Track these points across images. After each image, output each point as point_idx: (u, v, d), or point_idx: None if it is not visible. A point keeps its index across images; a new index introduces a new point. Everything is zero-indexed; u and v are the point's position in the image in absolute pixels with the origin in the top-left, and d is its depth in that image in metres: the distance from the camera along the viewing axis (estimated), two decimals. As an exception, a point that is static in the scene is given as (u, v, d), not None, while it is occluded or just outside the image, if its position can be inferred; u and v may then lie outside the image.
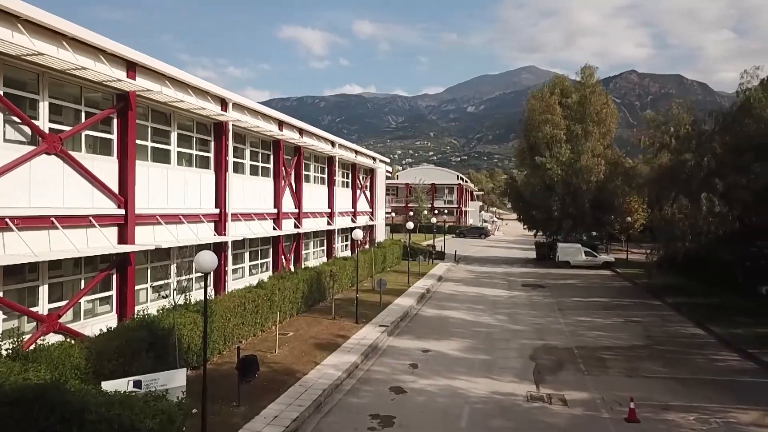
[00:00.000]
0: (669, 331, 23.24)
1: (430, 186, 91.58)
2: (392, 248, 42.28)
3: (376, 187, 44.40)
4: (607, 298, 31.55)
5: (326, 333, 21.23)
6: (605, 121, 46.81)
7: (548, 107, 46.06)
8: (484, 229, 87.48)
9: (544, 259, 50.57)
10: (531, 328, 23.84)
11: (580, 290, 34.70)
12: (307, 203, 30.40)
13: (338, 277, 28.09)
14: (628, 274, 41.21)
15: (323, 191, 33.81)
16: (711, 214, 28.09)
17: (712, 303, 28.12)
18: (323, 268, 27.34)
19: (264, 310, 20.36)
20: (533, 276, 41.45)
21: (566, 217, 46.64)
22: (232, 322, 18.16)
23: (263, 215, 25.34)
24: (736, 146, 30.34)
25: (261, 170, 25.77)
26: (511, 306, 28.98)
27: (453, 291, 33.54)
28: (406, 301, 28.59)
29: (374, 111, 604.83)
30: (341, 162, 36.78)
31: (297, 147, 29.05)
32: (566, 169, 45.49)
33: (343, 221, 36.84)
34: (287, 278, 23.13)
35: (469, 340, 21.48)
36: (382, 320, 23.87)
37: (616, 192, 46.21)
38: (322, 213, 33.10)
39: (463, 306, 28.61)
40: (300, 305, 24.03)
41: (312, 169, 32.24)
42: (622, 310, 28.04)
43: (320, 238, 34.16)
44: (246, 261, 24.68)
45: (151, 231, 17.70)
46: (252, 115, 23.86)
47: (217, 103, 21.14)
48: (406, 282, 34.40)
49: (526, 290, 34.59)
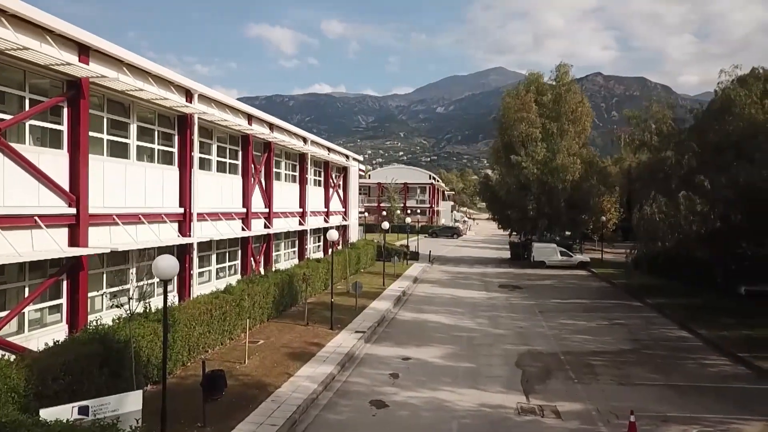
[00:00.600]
0: (655, 334, 22.57)
1: (402, 185, 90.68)
2: (366, 249, 41.07)
3: (350, 186, 43.15)
4: (587, 300, 30.91)
5: (299, 340, 19.91)
6: (580, 120, 46.47)
7: (524, 105, 45.46)
8: (456, 228, 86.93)
9: (519, 259, 50.03)
10: (513, 332, 22.91)
11: (558, 291, 34.03)
12: (278, 202, 28.99)
13: (311, 280, 26.76)
14: (604, 274, 40.82)
15: (295, 190, 32.41)
16: (692, 213, 27.61)
17: (693, 304, 27.68)
18: (295, 270, 25.97)
19: (232, 317, 18.94)
20: (509, 276, 40.73)
21: (542, 217, 46.12)
22: (198, 331, 16.71)
23: (231, 215, 23.87)
24: (716, 144, 30.05)
25: (229, 167, 24.29)
26: (490, 308, 28.06)
27: (430, 293, 32.51)
28: (383, 304, 27.41)
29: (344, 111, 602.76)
30: (313, 159, 35.41)
31: (267, 143, 27.62)
32: (542, 168, 44.94)
33: (316, 221, 35.49)
34: (257, 282, 21.72)
35: (450, 346, 20.41)
36: (358, 325, 22.64)
37: (592, 191, 45.88)
38: (294, 213, 31.70)
39: (442, 309, 27.57)
40: (271, 310, 22.64)
41: (283, 166, 30.82)
42: (604, 312, 27.38)
43: (292, 238, 32.75)
44: (213, 264, 23.18)
45: (107, 232, 16.15)
46: (219, 108, 22.38)
47: (181, 93, 19.62)
48: (382, 284, 33.23)
49: (504, 291, 33.77)
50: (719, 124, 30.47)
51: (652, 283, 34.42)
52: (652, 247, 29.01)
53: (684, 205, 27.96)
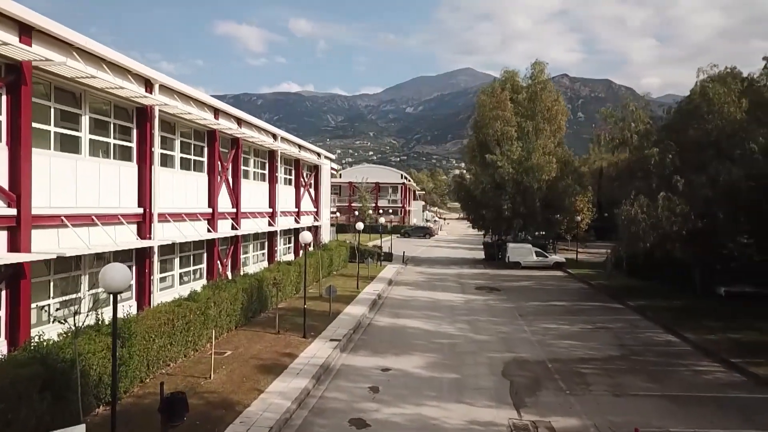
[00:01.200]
0: (642, 339, 21.80)
1: (374, 185, 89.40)
2: (339, 250, 39.68)
3: (321, 185, 41.68)
4: (567, 302, 30.13)
5: (270, 351, 18.46)
6: (556, 118, 45.90)
7: (499, 103, 44.63)
8: (428, 228, 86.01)
9: (493, 260, 49.28)
10: (496, 338, 21.87)
11: (536, 293, 33.22)
12: (246, 202, 27.41)
13: (282, 284, 25.30)
14: (581, 274, 40.29)
15: (264, 189, 30.83)
16: (673, 213, 27.06)
17: (674, 306, 27.18)
18: (265, 274, 24.46)
19: (197, 327, 17.40)
20: (485, 278, 39.84)
21: (517, 217, 45.40)
22: (158, 343, 15.15)
23: (196, 215, 22.26)
24: (696, 142, 29.62)
25: (194, 164, 22.67)
26: (469, 312, 27.01)
27: (406, 296, 31.32)
28: (358, 309, 26.10)
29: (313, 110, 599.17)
30: (284, 157, 33.86)
31: (235, 139, 26.03)
32: (517, 167, 44.20)
33: (286, 222, 33.96)
34: (224, 288, 20.17)
35: (432, 354, 19.22)
36: (333, 333, 21.29)
37: (567, 191, 45.34)
38: (263, 213, 30.13)
39: (420, 313, 26.40)
40: (239, 318, 21.12)
41: (252, 164, 29.24)
42: (586, 315, 26.61)
43: (261, 240, 31.16)
44: (176, 268, 21.53)
45: (55, 235, 14.48)
46: (183, 100, 20.75)
47: (140, 83, 17.97)
48: (356, 287, 31.91)
49: (482, 294, 32.81)
50: (698, 123, 30.07)
51: (630, 284, 33.93)
52: (634, 248, 28.36)
53: (662, 206, 27.43)
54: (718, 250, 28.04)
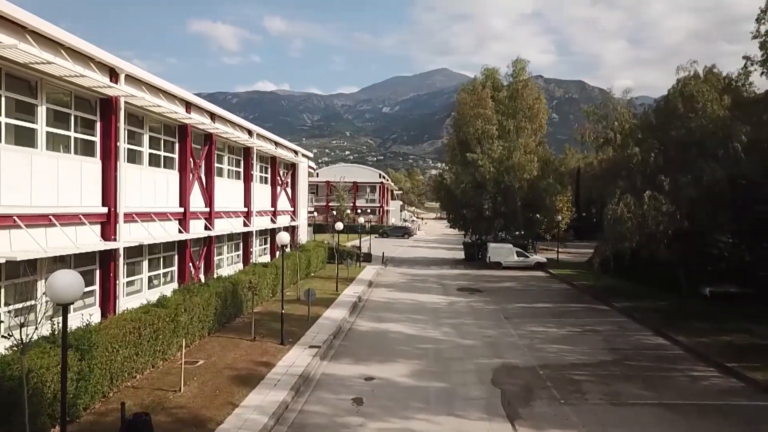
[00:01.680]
0: (632, 342, 21.12)
1: (352, 184, 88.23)
2: (317, 251, 38.53)
3: (299, 184, 40.48)
4: (551, 304, 29.46)
5: (245, 359, 17.31)
6: (537, 117, 45.37)
7: (480, 101, 43.91)
8: (407, 228, 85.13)
9: (474, 260, 48.60)
10: (482, 342, 21.00)
11: (520, 295, 32.51)
12: (220, 201, 26.16)
13: (258, 287, 24.12)
14: (563, 275, 39.76)
15: (239, 187, 29.57)
16: (659, 212, 26.58)
17: (660, 307, 26.67)
18: (240, 277, 23.25)
19: (166, 335, 16.18)
20: (467, 278, 39.07)
21: (498, 216, 44.77)
22: (122, 354, 13.90)
23: (166, 215, 20.96)
24: (680, 141, 29.21)
25: (164, 161, 21.37)
26: (453, 315, 26.14)
27: (387, 298, 30.32)
28: (338, 312, 25.04)
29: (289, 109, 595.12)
30: (259, 155, 32.63)
31: (208, 135, 24.77)
32: (498, 166, 43.56)
33: (262, 222, 32.72)
34: (196, 292, 18.94)
35: (417, 361, 18.26)
36: (312, 339, 20.20)
37: (549, 190, 44.85)
38: (238, 212, 28.87)
39: (402, 317, 25.44)
40: (212, 324, 19.90)
41: (226, 161, 27.98)
42: (573, 317, 25.93)
43: (236, 241, 29.88)
44: (144, 271, 20.20)
45: (6, 237, 13.14)
46: (152, 92, 19.45)
47: (104, 72, 16.66)
48: (335, 289, 30.82)
49: (464, 295, 31.98)
50: (681, 121, 29.68)
51: (614, 285, 33.42)
52: (620, 247, 27.81)
53: (648, 205, 26.94)
54: (706, 250, 27.67)
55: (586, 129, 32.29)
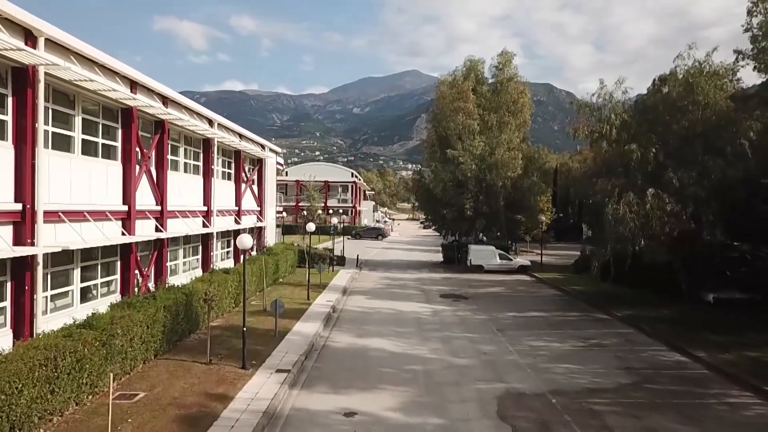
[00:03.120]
0: (647, 359, 18.53)
1: (323, 184, 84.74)
2: (286, 254, 35.27)
3: (266, 182, 37.16)
4: (545, 312, 26.82)
5: (197, 391, 14.11)
6: (522, 112, 42.87)
7: (461, 94, 41.18)
8: (381, 229, 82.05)
9: (453, 263, 45.92)
10: (479, 361, 18.16)
11: (509, 302, 29.83)
12: (174, 198, 22.83)
13: (217, 298, 20.88)
14: (550, 279, 37.32)
15: (197, 183, 26.22)
16: (664, 212, 24.23)
17: (665, 316, 24.35)
18: (196, 286, 19.95)
19: (95, 362, 12.90)
20: (449, 283, 36.31)
21: (480, 217, 42.14)
22: (29, 394, 10.63)
23: (105, 214, 17.58)
24: (682, 135, 26.97)
25: (102, 149, 17.96)
26: (439, 326, 23.29)
27: (365, 307, 27.29)
28: (310, 326, 21.93)
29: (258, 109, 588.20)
30: (222, 147, 29.30)
31: (160, 122, 21.43)
32: (480, 163, 40.95)
33: (225, 222, 29.36)
34: (139, 306, 15.67)
35: (405, 388, 15.30)
36: (280, 360, 17.08)
37: (533, 189, 42.41)
38: (196, 212, 25.52)
39: (383, 329, 22.46)
40: (160, 344, 16.63)
41: (182, 153, 24.61)
42: (572, 328, 23.33)
43: (194, 244, 26.49)
44: (75, 282, 16.78)
45: None
46: (84, 64, 16.05)
47: (16, 34, 13.28)
48: (306, 298, 27.68)
49: (449, 303, 29.18)
50: (682, 113, 27.46)
51: (608, 290, 31.02)
52: (621, 250, 25.35)
53: (652, 204, 24.58)
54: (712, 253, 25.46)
55: (579, 123, 29.74)
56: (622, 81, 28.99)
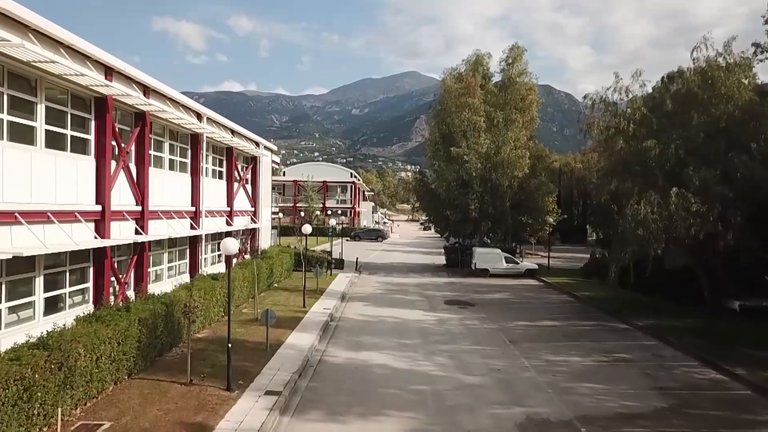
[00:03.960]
0: (681, 378, 16.63)
1: (321, 184, 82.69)
2: (281, 258, 33.35)
3: (260, 181, 35.27)
4: (558, 321, 24.93)
5: (172, 419, 12.20)
6: (530, 109, 40.93)
7: (467, 89, 39.25)
8: (381, 231, 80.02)
9: (457, 266, 43.99)
10: (492, 379, 16.27)
11: (518, 309, 27.94)
12: (157, 198, 20.94)
13: (203, 307, 18.99)
14: (559, 284, 35.43)
15: (184, 182, 24.31)
16: (689, 213, 22.36)
17: (689, 325, 22.48)
18: (178, 294, 18.02)
19: (49, 389, 10.98)
20: (453, 288, 34.40)
21: (485, 218, 40.22)
22: (-43, 435, 8.73)
23: (73, 215, 15.66)
24: (704, 132, 25.11)
25: (71, 143, 16.05)
26: (446, 338, 21.39)
27: (364, 315, 25.38)
28: (305, 337, 20.03)
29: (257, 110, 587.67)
30: (212, 144, 27.41)
31: (141, 114, 19.53)
32: (485, 162, 39.05)
33: (215, 224, 27.45)
34: (108, 320, 13.76)
35: (412, 414, 13.40)
36: (270, 379, 15.19)
37: (541, 189, 40.49)
38: (183, 212, 23.61)
39: (385, 341, 20.55)
40: (134, 362, 14.72)
41: (167, 149, 22.70)
42: (589, 339, 21.43)
43: (180, 248, 24.58)
44: (38, 292, 14.84)
45: None
46: (46, 44, 14.11)
47: (-41, 5, 11.39)
48: (302, 305, 25.77)
49: (454, 310, 27.29)
50: (703, 107, 25.63)
51: (622, 297, 29.09)
52: (642, 255, 23.47)
53: (677, 204, 22.70)
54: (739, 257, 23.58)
55: (593, 119, 27.83)
56: (639, 74, 27.12)
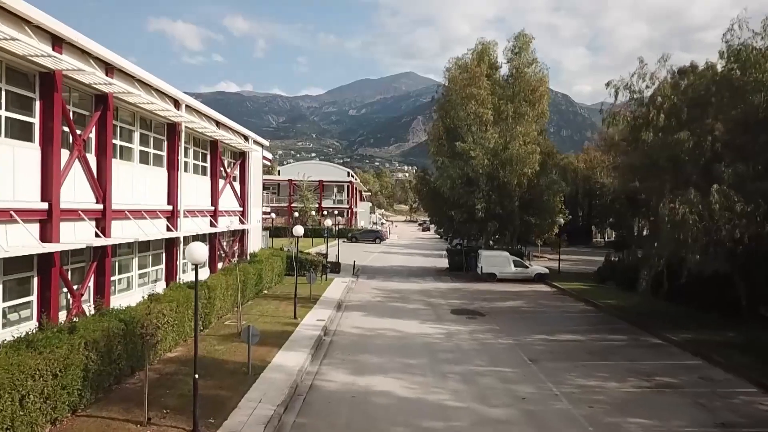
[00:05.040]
0: (743, 410, 13.79)
1: (317, 183, 79.71)
2: (272, 261, 30.52)
3: (250, 178, 32.39)
4: (581, 335, 22.14)
5: (115, 480, 9.38)
6: (541, 101, 38.11)
7: (473, 79, 36.40)
8: (379, 232, 77.11)
9: (461, 270, 41.20)
10: (519, 412, 13.46)
11: (534, 320, 25.18)
12: (124, 195, 18.11)
13: (173, 322, 16.16)
14: (575, 290, 32.65)
15: (159, 178, 21.46)
16: (734, 213, 19.64)
17: (732, 340, 19.78)
18: (139, 310, 15.14)
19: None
20: (459, 295, 31.60)
21: (492, 219, 37.40)
22: None
23: (7, 214, 12.79)
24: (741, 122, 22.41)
25: (7, 126, 13.20)
26: (458, 356, 18.60)
27: (363, 328, 22.56)
28: (294, 357, 17.19)
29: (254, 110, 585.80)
30: (193, 136, 24.59)
31: (102, 96, 16.67)
32: (492, 158, 36.26)
33: (196, 225, 24.56)
34: (44, 347, 10.93)
35: (425, 464, 10.62)
36: (249, 415, 12.38)
37: (552, 188, 37.70)
38: (156, 212, 20.76)
39: (387, 361, 17.72)
40: (80, 394, 11.88)
41: (137, 139, 19.82)
42: (624, 358, 18.63)
43: (155, 252, 21.69)
44: (-43, 309, 12.00)
45: None
46: (-32, 2, 11.29)
47: None
48: (293, 315, 22.97)
49: (463, 321, 24.51)
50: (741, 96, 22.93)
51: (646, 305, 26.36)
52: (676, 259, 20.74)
53: (719, 203, 19.97)
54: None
55: (619, 109, 25.08)
56: (666, 58, 24.44)
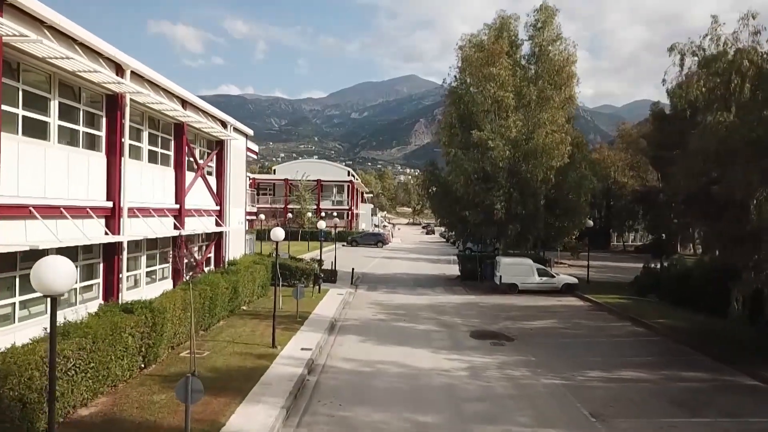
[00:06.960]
0: None
1: (315, 183, 74.59)
2: (253, 270, 25.43)
3: (229, 172, 27.34)
4: (645, 371, 16.92)
5: None
6: (568, 84, 32.98)
7: (492, 58, 31.25)
8: (381, 235, 71.91)
9: (474, 279, 36.13)
10: None
11: (576, 346, 20.04)
12: (32, 185, 13.04)
13: (90, 365, 11.10)
14: (612, 305, 27.54)
15: (93, 166, 16.39)
16: None
17: None
18: (28, 355, 10.06)
19: None
20: (477, 312, 26.45)
21: (513, 220, 32.26)
22: None
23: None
24: None
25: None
26: (489, 408, 13.46)
27: (360, 361, 17.39)
28: (259, 416, 12.04)
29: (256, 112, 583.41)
30: (148, 115, 19.53)
31: None
32: (514, 150, 31.17)
33: (149, 227, 19.44)
34: None
35: None
36: None
37: (582, 185, 32.53)
38: (87, 209, 15.63)
39: (395, 418, 12.56)
40: None
41: (54, 111, 14.67)
42: (722, 413, 13.47)
43: (87, 261, 16.59)
44: None
45: None
46: None
47: None
48: (270, 343, 17.85)
49: (487, 348, 19.41)
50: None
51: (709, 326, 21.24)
52: None
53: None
54: None
55: (691, 77, 20.01)
56: (750, 16, 19.33)
